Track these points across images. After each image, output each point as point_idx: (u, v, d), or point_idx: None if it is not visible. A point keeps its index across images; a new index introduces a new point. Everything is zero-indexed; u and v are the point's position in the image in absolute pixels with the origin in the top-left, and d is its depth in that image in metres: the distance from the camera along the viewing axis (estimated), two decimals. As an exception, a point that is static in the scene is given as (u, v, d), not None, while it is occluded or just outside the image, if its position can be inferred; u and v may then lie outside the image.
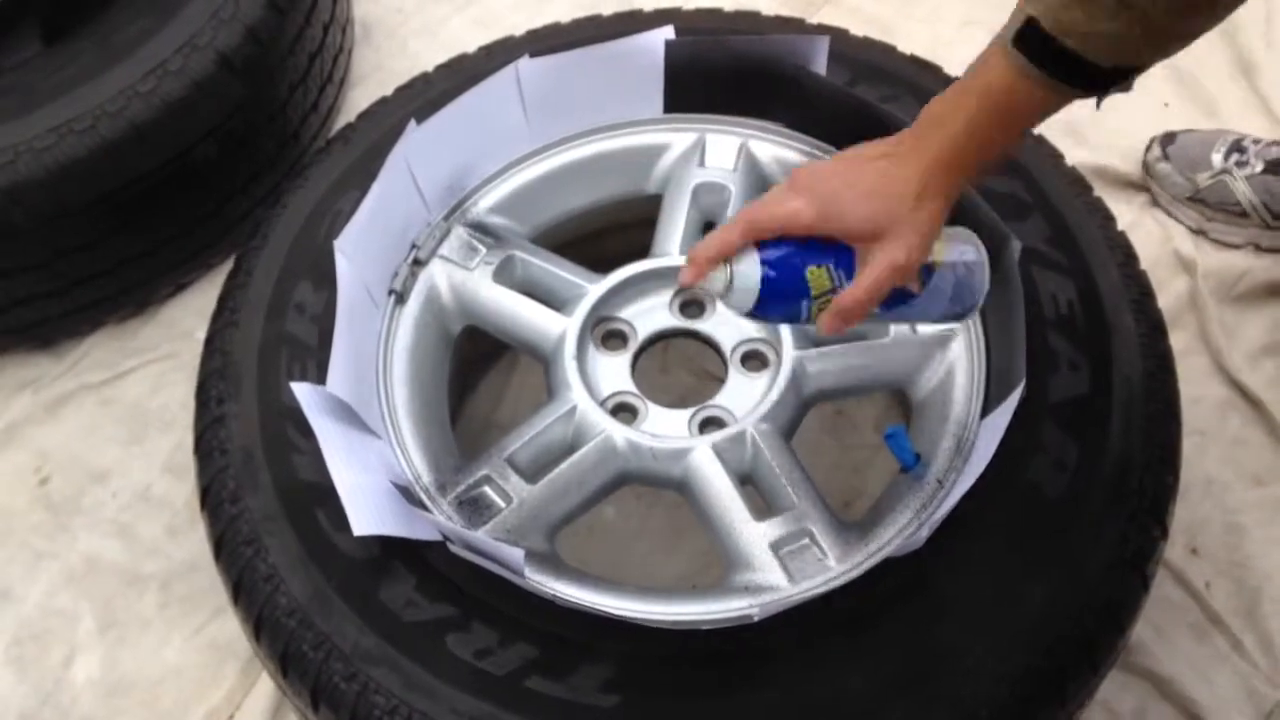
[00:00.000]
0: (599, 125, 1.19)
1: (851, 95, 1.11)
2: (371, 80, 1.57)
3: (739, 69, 1.16)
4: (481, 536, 0.89)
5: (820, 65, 1.13)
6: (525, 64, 1.12)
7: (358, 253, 1.04)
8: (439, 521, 0.92)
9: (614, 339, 1.12)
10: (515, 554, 0.87)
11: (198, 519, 1.26)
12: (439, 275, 1.12)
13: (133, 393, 1.35)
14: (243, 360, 1.03)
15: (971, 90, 0.83)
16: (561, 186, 1.20)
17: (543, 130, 1.18)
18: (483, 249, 1.14)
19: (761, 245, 0.86)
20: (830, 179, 0.86)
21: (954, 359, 1.05)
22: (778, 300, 0.86)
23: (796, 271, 0.86)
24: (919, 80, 1.17)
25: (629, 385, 1.09)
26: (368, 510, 0.91)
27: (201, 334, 1.38)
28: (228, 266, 1.41)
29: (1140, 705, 1.13)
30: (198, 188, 1.29)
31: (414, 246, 1.11)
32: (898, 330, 1.07)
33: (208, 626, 1.19)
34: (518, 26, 1.26)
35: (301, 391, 0.96)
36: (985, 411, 0.99)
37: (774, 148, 1.19)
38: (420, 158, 1.09)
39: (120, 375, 1.36)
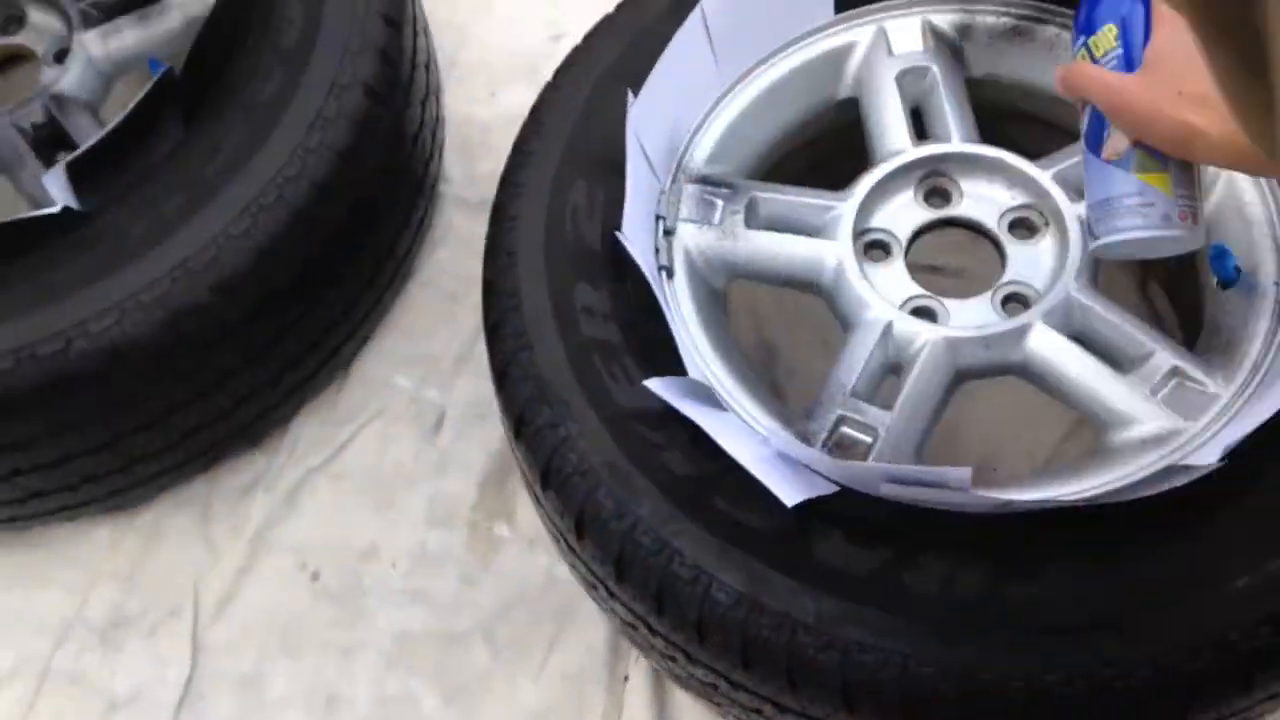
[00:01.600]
0: (777, 45, 1.15)
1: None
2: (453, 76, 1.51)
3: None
4: (918, 469, 0.87)
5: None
6: (709, 2, 1.08)
7: (635, 239, 1.00)
8: (861, 469, 0.89)
9: (877, 249, 1.10)
10: (960, 473, 0.85)
11: (488, 561, 1.23)
12: (689, 239, 1.08)
13: (361, 461, 1.29)
14: (558, 379, 0.98)
15: None
16: (763, 116, 1.16)
17: (730, 66, 1.13)
18: (720, 201, 1.10)
19: None
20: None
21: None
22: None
23: (1097, 14, 0.92)
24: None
25: (916, 289, 1.07)
26: (787, 480, 0.89)
27: (401, 379, 1.34)
28: (396, 308, 1.37)
29: None
30: (370, 233, 1.23)
31: (659, 218, 1.07)
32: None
33: (550, 660, 1.16)
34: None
35: (659, 387, 0.92)
36: None
37: (954, 16, 1.16)
38: (644, 129, 1.04)
39: (341, 448, 1.29)
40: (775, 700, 0.91)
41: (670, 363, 0.97)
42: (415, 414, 1.31)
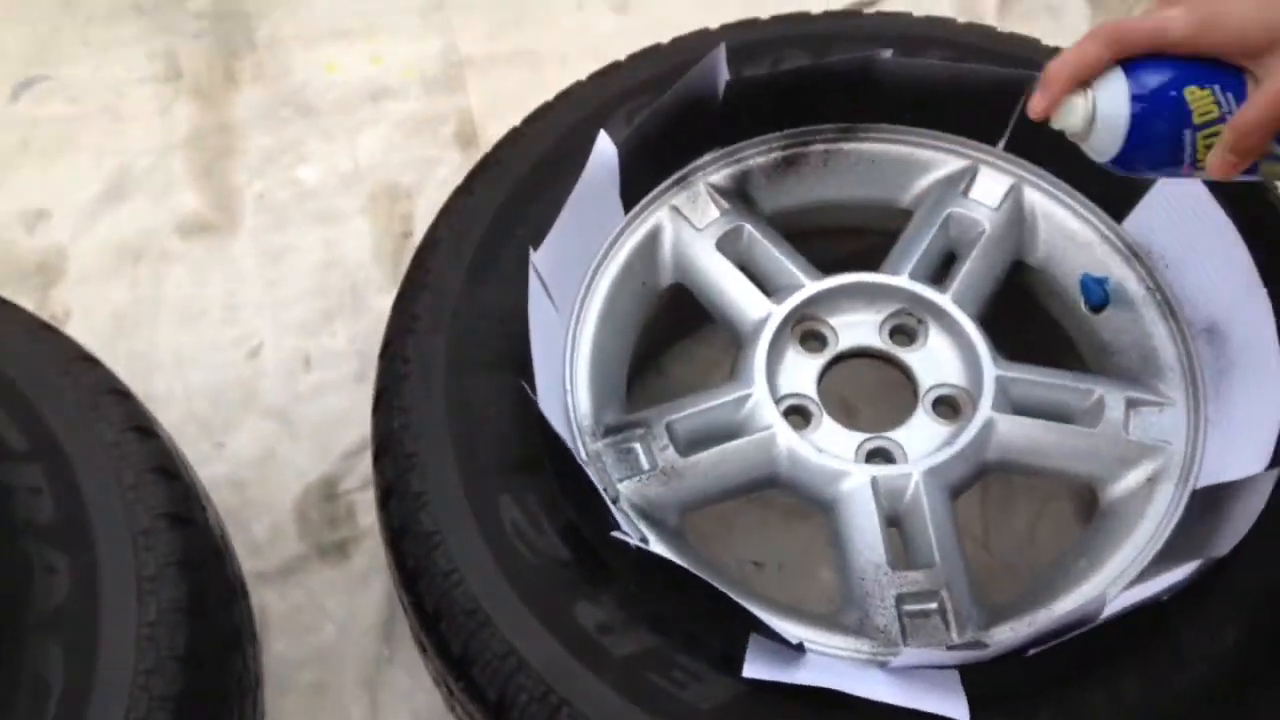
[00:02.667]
0: (590, 268, 1.06)
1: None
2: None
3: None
4: (1059, 619, 0.80)
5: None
6: (536, 257, 0.96)
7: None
8: (1007, 645, 0.81)
9: (796, 416, 1.03)
10: (1093, 602, 0.80)
11: None
12: (635, 497, 0.96)
13: None
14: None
15: None
16: (609, 342, 1.06)
17: (564, 305, 1.03)
18: (637, 445, 0.99)
19: (1127, 67, 0.71)
20: None
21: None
22: (1152, 136, 0.71)
23: (1172, 96, 0.71)
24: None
25: (859, 436, 1.01)
26: (936, 695, 0.79)
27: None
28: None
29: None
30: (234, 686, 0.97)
31: (604, 491, 0.93)
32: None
33: None
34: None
35: (765, 672, 0.81)
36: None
37: (727, 170, 1.13)
38: (547, 405, 0.91)
39: None
40: None
41: (718, 638, 0.84)
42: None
